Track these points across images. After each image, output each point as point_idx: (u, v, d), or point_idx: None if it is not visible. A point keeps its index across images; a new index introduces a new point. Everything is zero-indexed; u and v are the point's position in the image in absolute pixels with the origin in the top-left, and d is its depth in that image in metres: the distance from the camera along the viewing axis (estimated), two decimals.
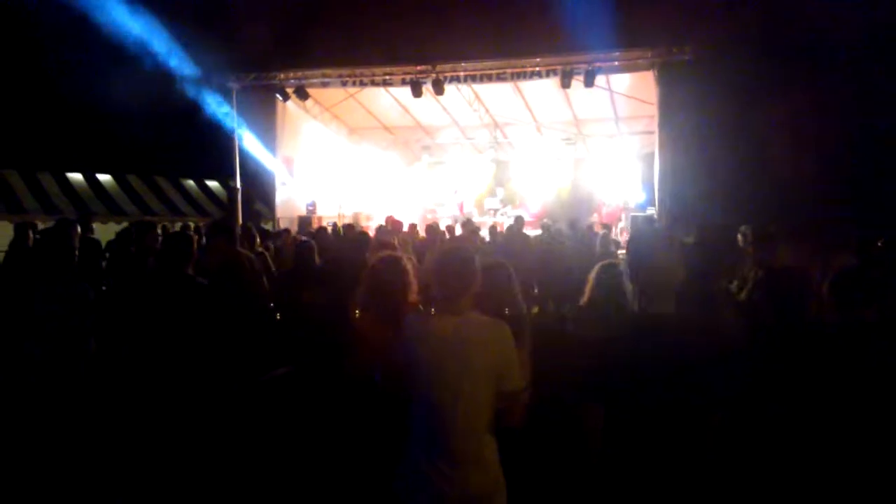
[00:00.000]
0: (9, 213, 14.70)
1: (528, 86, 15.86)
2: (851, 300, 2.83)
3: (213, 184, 20.69)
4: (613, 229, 14.77)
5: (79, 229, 7.40)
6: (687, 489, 2.34)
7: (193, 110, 17.08)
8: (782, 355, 2.80)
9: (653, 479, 2.35)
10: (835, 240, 5.71)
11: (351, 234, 9.18)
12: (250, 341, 5.60)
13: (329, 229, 11.94)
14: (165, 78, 13.62)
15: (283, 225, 14.70)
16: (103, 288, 6.66)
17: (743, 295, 4.46)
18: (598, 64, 13.50)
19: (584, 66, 13.49)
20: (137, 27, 12.56)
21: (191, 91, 14.64)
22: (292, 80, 15.42)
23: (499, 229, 13.29)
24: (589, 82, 13.62)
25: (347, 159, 20.00)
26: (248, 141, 15.69)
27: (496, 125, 19.81)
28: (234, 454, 4.57)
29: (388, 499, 2.62)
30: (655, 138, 13.95)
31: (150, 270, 5.86)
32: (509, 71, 14.23)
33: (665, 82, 13.10)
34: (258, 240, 8.10)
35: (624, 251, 8.25)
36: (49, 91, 14.97)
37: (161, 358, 3.94)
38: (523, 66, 14.07)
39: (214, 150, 17.21)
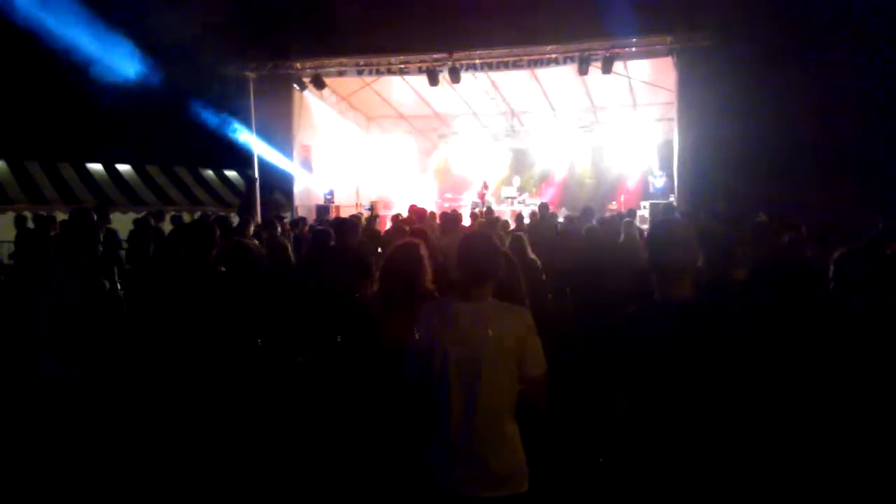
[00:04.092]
0: (30, 202, 14.93)
1: (544, 73, 15.72)
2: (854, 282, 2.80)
3: (231, 173, 20.83)
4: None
5: (95, 218, 7.45)
6: (712, 472, 2.33)
7: (211, 100, 17.17)
8: (789, 339, 2.79)
9: (677, 462, 2.36)
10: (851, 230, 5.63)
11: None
12: (267, 328, 5.66)
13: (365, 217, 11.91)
14: (183, 68, 13.69)
15: (301, 214, 14.77)
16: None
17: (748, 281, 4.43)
18: (615, 50, 13.39)
19: (601, 53, 13.38)
20: (154, 17, 12.62)
21: (208, 81, 14.70)
22: (309, 69, 15.43)
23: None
24: (606, 69, 13.50)
25: (365, 148, 20.03)
26: (265, 130, 15.77)
27: (513, 113, 19.73)
28: (261, 432, 4.65)
29: (422, 472, 2.65)
30: (674, 124, 13.84)
31: (174, 259, 5.93)
32: (526, 58, 14.13)
33: (684, 68, 12.94)
34: (279, 229, 8.15)
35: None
36: (69, 82, 15.12)
37: (188, 344, 4.00)
38: (540, 54, 13.96)
39: (232, 139, 17.31)
